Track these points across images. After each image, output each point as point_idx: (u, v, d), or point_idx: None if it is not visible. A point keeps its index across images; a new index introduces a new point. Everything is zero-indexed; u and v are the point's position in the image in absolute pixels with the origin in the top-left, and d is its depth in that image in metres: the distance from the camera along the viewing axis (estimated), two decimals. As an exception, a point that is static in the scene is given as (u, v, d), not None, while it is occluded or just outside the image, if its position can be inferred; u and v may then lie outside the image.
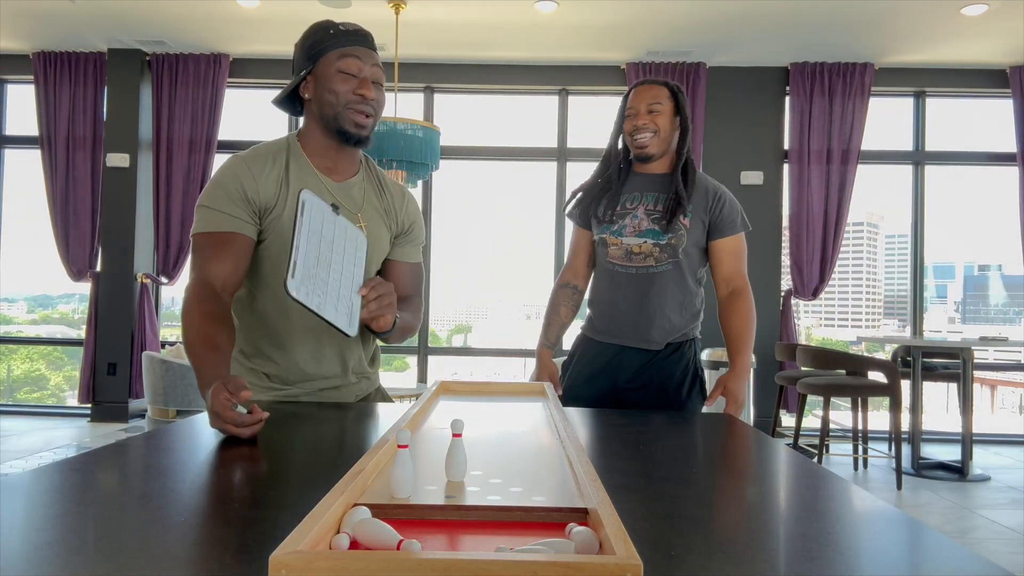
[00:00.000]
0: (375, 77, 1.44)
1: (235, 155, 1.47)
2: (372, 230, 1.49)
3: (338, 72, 1.41)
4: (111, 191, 5.80)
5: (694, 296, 2.12)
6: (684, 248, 2.01)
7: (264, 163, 1.45)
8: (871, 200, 6.48)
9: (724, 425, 1.30)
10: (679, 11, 4.83)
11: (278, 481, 0.87)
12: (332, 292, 1.23)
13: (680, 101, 2.04)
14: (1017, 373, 6.71)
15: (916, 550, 0.68)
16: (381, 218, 1.53)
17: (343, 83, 1.42)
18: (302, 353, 1.48)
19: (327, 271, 1.23)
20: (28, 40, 5.67)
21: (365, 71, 1.43)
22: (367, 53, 1.44)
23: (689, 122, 2.06)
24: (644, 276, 2.01)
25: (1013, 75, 5.61)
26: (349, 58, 1.42)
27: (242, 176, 1.41)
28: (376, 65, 1.45)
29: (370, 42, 1.46)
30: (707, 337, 6.31)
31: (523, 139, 5.96)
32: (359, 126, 1.43)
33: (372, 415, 1.33)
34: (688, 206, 1.99)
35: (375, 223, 1.51)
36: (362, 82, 1.42)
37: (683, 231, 2.00)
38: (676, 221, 1.98)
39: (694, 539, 0.66)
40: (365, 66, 1.43)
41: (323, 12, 4.94)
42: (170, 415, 4.70)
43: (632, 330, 2.02)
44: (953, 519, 3.63)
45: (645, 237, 2.00)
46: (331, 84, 1.42)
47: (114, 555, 0.60)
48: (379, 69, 1.45)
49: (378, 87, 1.45)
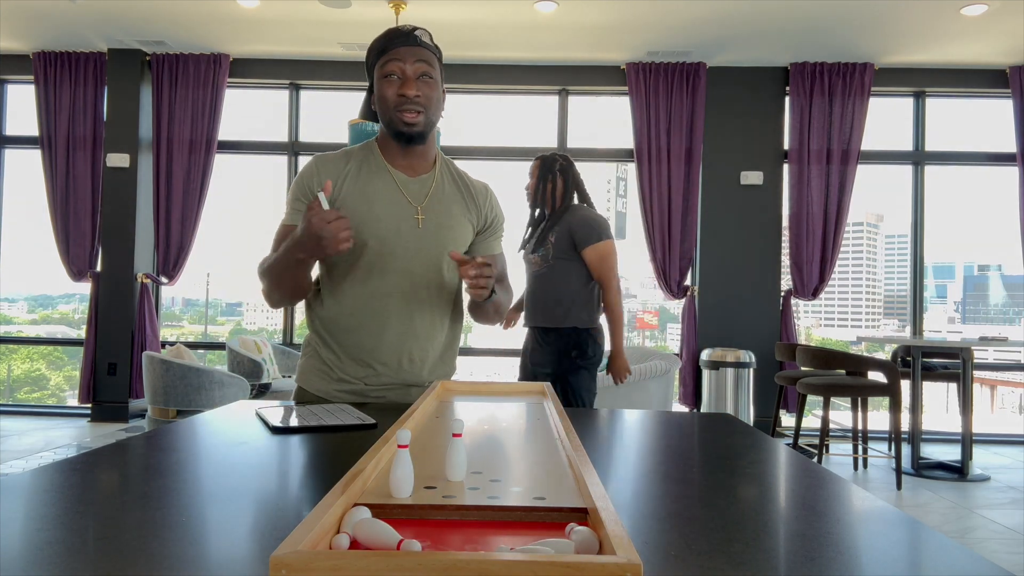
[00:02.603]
0: (419, 72, 1.48)
1: (314, 156, 1.60)
2: (443, 220, 1.56)
3: (383, 79, 1.49)
4: (111, 191, 5.81)
5: (559, 289, 3.01)
6: (549, 256, 2.99)
7: (337, 161, 1.56)
8: (871, 200, 6.48)
9: (724, 425, 1.30)
10: (679, 11, 4.83)
11: (278, 481, 0.87)
12: None
13: (538, 166, 3.11)
14: (1017, 373, 6.71)
15: (916, 550, 0.68)
16: (462, 212, 1.60)
17: (388, 87, 1.48)
18: (365, 339, 1.55)
19: None
20: (28, 40, 5.68)
21: (407, 69, 1.47)
22: (408, 51, 1.47)
23: (561, 188, 3.06)
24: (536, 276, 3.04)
25: (1013, 75, 5.61)
26: (390, 62, 1.47)
27: (308, 176, 1.54)
28: (421, 60, 1.48)
29: (411, 39, 1.48)
30: (705, 338, 6.30)
31: (523, 139, 5.96)
32: (408, 124, 1.49)
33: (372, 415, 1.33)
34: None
35: (452, 215, 1.58)
36: (404, 82, 1.47)
37: (542, 247, 3.00)
38: (547, 241, 2.98)
39: (694, 539, 0.66)
40: (407, 64, 1.47)
41: (323, 12, 4.95)
42: (170, 415, 4.70)
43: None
44: (953, 519, 3.63)
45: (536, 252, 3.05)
46: (380, 91, 1.50)
47: (114, 555, 0.60)
48: (424, 64, 1.48)
49: (424, 81, 1.48)
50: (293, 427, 1.16)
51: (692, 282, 5.90)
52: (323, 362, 1.58)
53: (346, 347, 1.56)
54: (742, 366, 5.41)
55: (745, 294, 5.78)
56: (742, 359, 5.41)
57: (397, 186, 1.54)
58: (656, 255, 5.76)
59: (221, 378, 4.75)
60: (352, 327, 1.55)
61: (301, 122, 6.13)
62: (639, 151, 5.76)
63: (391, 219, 1.52)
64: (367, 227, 1.50)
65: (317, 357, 1.60)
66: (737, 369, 5.40)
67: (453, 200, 1.59)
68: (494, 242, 1.69)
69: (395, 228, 1.52)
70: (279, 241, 1.52)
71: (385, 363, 1.55)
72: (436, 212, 1.56)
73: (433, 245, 1.55)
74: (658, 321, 7.26)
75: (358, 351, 1.55)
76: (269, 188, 6.23)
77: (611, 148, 6.07)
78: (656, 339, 7.34)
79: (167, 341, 6.06)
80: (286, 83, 6.04)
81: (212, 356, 6.44)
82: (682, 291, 5.80)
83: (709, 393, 5.48)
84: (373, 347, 1.55)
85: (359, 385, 1.56)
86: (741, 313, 5.77)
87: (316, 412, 1.28)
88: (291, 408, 1.33)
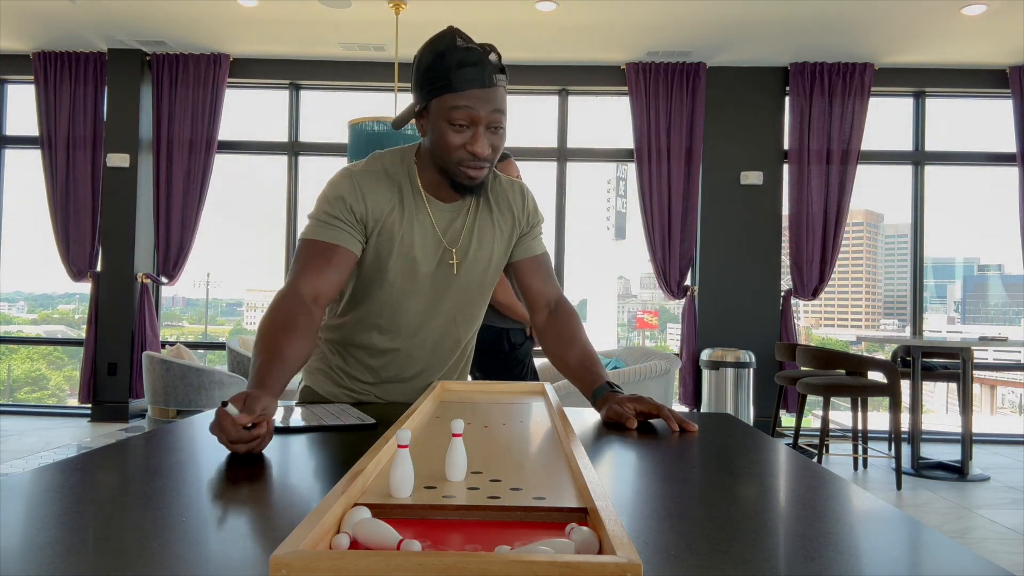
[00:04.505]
0: (491, 123, 1.31)
1: (346, 169, 1.43)
2: (475, 255, 1.48)
3: (447, 123, 1.29)
4: (111, 191, 5.81)
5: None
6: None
7: (377, 181, 1.41)
8: (871, 200, 6.48)
9: (724, 425, 1.30)
10: (679, 11, 4.83)
11: (278, 481, 0.87)
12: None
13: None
14: (1017, 373, 6.71)
15: (916, 550, 0.68)
16: (495, 233, 1.50)
17: (455, 136, 1.30)
18: (383, 369, 1.53)
19: None
20: (28, 40, 5.68)
21: (481, 118, 1.29)
22: (485, 96, 1.28)
23: None
24: None
25: (1013, 75, 5.61)
26: (460, 110, 1.28)
27: (348, 195, 1.38)
28: (497, 110, 1.30)
29: (488, 75, 1.29)
30: (705, 338, 6.30)
31: (523, 139, 5.96)
32: (471, 178, 1.35)
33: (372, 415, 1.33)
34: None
35: (483, 245, 1.49)
36: (475, 137, 1.29)
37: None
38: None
39: (694, 539, 0.66)
40: (481, 113, 1.28)
41: (323, 12, 4.95)
42: (170, 415, 4.70)
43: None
44: (953, 519, 3.63)
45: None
46: (443, 135, 1.31)
47: (114, 555, 0.60)
48: (499, 114, 1.31)
49: (494, 132, 1.32)
50: (293, 427, 1.17)
51: (692, 282, 5.90)
52: (331, 368, 1.57)
53: (359, 367, 1.55)
54: (742, 366, 5.41)
55: (745, 294, 5.78)
56: (742, 359, 5.41)
57: (434, 226, 1.44)
58: (656, 255, 5.76)
59: (221, 378, 4.74)
60: (370, 354, 1.52)
61: (301, 122, 6.13)
62: (639, 151, 5.76)
63: (427, 263, 1.44)
64: (403, 266, 1.43)
65: (325, 361, 1.58)
66: (737, 369, 5.40)
67: (484, 225, 1.49)
68: (534, 243, 1.58)
69: (429, 272, 1.45)
70: (303, 259, 1.36)
71: (398, 383, 1.56)
72: (468, 248, 1.48)
73: (463, 285, 1.49)
74: (658, 321, 7.27)
75: (372, 375, 1.55)
76: (269, 188, 6.23)
77: (611, 148, 6.07)
78: (656, 339, 7.34)
79: (167, 341, 6.06)
80: (286, 83, 6.04)
81: (212, 356, 6.44)
82: (682, 291, 5.81)
83: (709, 393, 5.48)
84: (389, 375, 1.54)
85: (368, 396, 1.56)
86: (741, 313, 5.77)
87: (316, 412, 1.29)
88: (291, 408, 1.33)
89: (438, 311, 1.49)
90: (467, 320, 1.55)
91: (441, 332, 1.52)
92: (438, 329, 1.52)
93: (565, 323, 1.54)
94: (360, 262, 1.44)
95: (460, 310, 1.52)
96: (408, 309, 1.47)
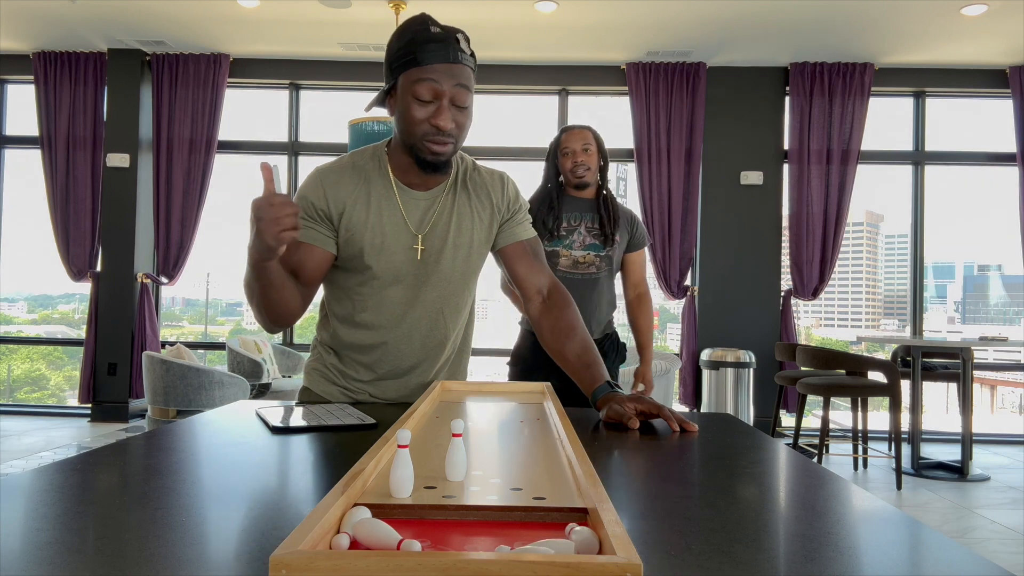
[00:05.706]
0: (456, 99, 1.31)
1: (316, 168, 1.47)
2: (447, 242, 1.48)
3: (412, 97, 1.31)
4: (111, 191, 5.81)
5: (615, 295, 2.70)
6: (615, 258, 2.61)
7: (341, 175, 1.44)
8: (871, 200, 6.48)
9: (724, 425, 1.30)
10: (679, 11, 4.83)
11: (278, 481, 0.87)
12: None
13: (600, 141, 2.65)
14: (1017, 373, 6.71)
15: (916, 550, 0.68)
16: (474, 220, 1.51)
17: (419, 109, 1.31)
18: (375, 363, 1.54)
19: None
20: (28, 40, 5.68)
21: (444, 93, 1.30)
22: (447, 71, 1.29)
23: (608, 158, 2.69)
24: (588, 280, 2.57)
25: (1013, 75, 5.61)
26: (424, 82, 1.29)
27: (312, 194, 1.42)
28: (460, 84, 1.30)
29: (452, 51, 1.30)
30: (705, 338, 6.30)
31: (523, 139, 5.96)
32: (435, 154, 1.35)
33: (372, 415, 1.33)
34: (618, 226, 2.60)
35: (461, 232, 1.49)
36: (438, 110, 1.30)
37: (616, 245, 2.60)
38: (612, 238, 2.57)
39: (694, 539, 0.66)
40: (444, 87, 1.29)
41: (323, 12, 4.95)
42: (170, 415, 4.70)
43: None
44: (953, 519, 3.63)
45: (589, 250, 2.58)
46: (407, 110, 1.32)
47: (114, 555, 0.60)
48: (462, 88, 1.31)
49: (460, 110, 1.33)
50: (293, 427, 1.17)
51: (692, 282, 5.90)
52: (327, 367, 1.58)
53: (353, 364, 1.56)
54: (742, 366, 5.41)
55: (745, 294, 5.78)
56: (742, 359, 5.41)
57: (403, 213, 1.45)
58: (656, 255, 5.76)
59: (221, 378, 4.74)
60: (359, 350, 1.54)
61: (301, 122, 6.13)
62: (639, 151, 5.76)
63: (401, 251, 1.45)
64: (375, 257, 1.44)
65: (322, 362, 1.60)
66: (737, 369, 5.41)
67: (463, 212, 1.50)
68: (518, 228, 1.57)
69: (401, 260, 1.46)
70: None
71: (393, 379, 1.56)
72: (446, 235, 1.48)
73: (445, 273, 1.49)
74: (658, 321, 7.27)
75: (367, 372, 1.55)
76: (269, 188, 6.22)
77: (611, 148, 6.03)
78: (656, 339, 7.33)
79: (167, 341, 6.07)
80: (286, 83, 6.04)
81: (212, 356, 6.44)
82: (682, 291, 5.81)
83: (709, 393, 5.48)
84: (383, 371, 1.55)
85: (364, 395, 1.57)
86: (741, 313, 5.77)
87: (316, 412, 1.29)
88: (291, 408, 1.33)
89: (420, 300, 1.50)
90: (453, 310, 1.55)
91: (428, 324, 1.52)
92: (424, 320, 1.52)
93: (560, 313, 1.54)
94: (338, 257, 1.47)
95: (445, 300, 1.52)
96: (389, 299, 1.48)
